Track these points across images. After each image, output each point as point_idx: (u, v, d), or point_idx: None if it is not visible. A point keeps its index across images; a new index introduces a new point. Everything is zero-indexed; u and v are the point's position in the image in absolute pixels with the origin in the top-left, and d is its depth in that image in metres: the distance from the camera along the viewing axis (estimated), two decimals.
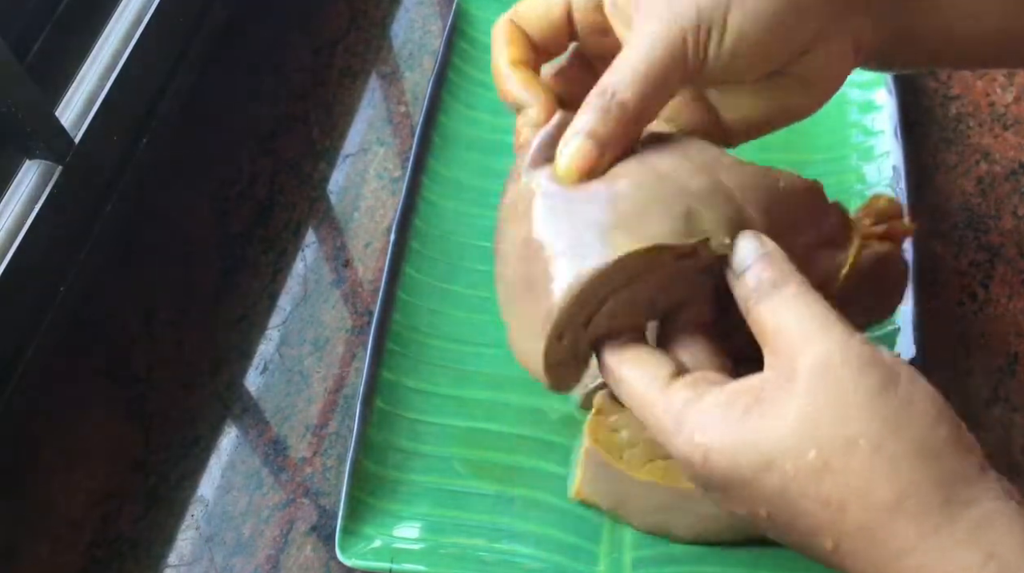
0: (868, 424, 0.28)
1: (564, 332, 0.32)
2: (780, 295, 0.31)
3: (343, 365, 0.50)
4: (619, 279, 0.32)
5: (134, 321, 0.52)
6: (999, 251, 0.52)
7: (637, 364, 0.33)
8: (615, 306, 0.32)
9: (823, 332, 0.29)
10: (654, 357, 0.33)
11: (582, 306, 0.32)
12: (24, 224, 0.44)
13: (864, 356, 0.29)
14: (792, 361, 0.29)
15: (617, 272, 0.31)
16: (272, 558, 0.45)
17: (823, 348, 0.29)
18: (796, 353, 0.29)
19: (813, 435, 0.28)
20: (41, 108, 0.44)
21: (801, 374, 0.29)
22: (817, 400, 0.28)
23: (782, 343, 0.30)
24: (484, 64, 0.58)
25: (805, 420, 0.28)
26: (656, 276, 0.32)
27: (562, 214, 0.33)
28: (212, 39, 0.57)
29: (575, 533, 0.44)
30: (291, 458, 0.48)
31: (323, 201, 0.56)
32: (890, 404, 0.28)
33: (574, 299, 0.31)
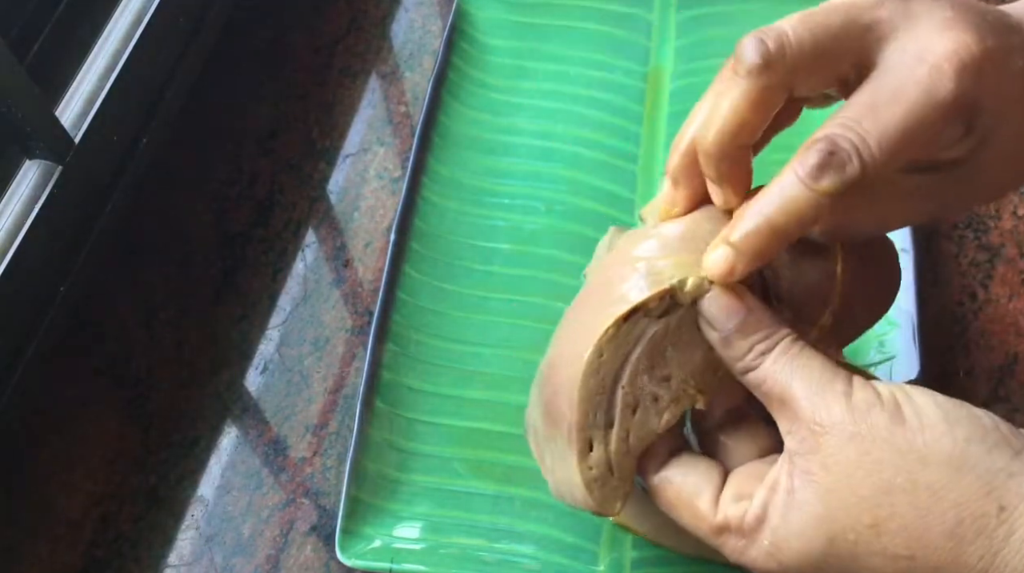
0: (896, 466, 0.28)
1: (591, 440, 0.33)
2: (772, 363, 0.31)
3: (343, 365, 0.50)
4: (614, 361, 0.32)
5: (134, 321, 0.52)
6: (999, 251, 0.52)
7: (678, 494, 0.33)
8: (630, 394, 0.33)
9: (826, 395, 0.30)
10: (688, 481, 0.33)
11: (592, 404, 0.33)
12: (24, 224, 0.44)
13: (868, 400, 0.29)
14: (810, 433, 0.29)
15: (608, 355, 0.32)
16: (272, 558, 0.45)
17: (835, 413, 0.29)
18: (810, 423, 0.30)
19: (859, 498, 0.28)
20: (41, 108, 0.44)
21: (824, 448, 0.29)
22: (848, 465, 0.29)
23: (791, 413, 0.30)
24: (484, 64, 0.58)
25: (846, 489, 0.28)
26: (652, 349, 0.33)
27: (561, 333, 0.35)
28: (212, 39, 0.57)
29: (575, 533, 0.44)
30: (291, 458, 0.48)
31: (323, 201, 0.56)
32: (906, 436, 0.28)
33: (581, 398, 0.32)
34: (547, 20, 0.60)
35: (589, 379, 0.32)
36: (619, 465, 0.33)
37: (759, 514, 0.30)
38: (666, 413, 0.33)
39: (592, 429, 0.33)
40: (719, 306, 0.32)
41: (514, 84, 0.58)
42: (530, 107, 0.57)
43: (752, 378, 0.31)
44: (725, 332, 0.32)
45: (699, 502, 0.32)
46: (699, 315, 0.32)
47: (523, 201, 0.53)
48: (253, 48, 0.62)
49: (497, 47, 0.59)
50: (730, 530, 0.31)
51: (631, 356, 0.33)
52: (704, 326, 0.32)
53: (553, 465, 0.34)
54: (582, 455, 0.33)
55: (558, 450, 0.33)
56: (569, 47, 0.59)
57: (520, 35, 0.59)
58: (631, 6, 0.60)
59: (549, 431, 0.34)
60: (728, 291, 0.32)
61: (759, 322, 0.32)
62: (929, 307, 0.50)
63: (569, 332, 0.34)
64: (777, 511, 0.30)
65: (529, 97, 0.57)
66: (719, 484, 0.32)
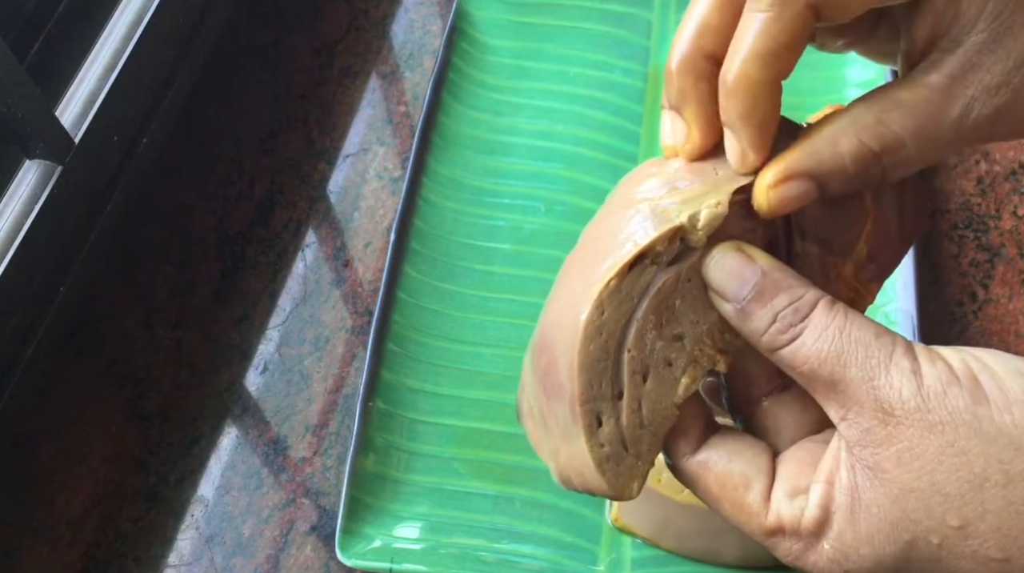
0: (987, 457, 0.24)
1: (599, 411, 0.28)
2: (814, 337, 0.26)
3: (343, 365, 0.50)
4: (617, 320, 0.28)
5: (134, 321, 0.52)
6: (999, 251, 0.52)
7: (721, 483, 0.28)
8: (638, 358, 0.28)
9: (891, 374, 0.25)
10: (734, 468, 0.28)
11: (595, 371, 0.28)
12: (24, 224, 0.44)
13: (942, 378, 0.25)
14: (878, 423, 0.25)
15: (610, 312, 0.27)
16: (272, 558, 0.45)
17: (907, 397, 0.25)
18: (875, 411, 0.25)
19: (943, 497, 0.24)
20: (41, 108, 0.44)
21: (898, 440, 0.25)
22: (930, 460, 0.24)
23: (846, 398, 0.25)
24: (484, 64, 0.58)
25: (928, 487, 0.25)
26: (659, 303, 0.28)
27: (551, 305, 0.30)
28: (212, 39, 0.57)
29: (575, 533, 0.44)
30: (291, 458, 0.48)
31: (323, 201, 0.56)
32: (993, 418, 0.24)
33: (582, 365, 0.27)
34: (547, 20, 0.60)
35: (589, 342, 0.27)
36: (634, 440, 0.28)
37: (819, 517, 0.26)
38: (683, 379, 0.28)
39: (598, 401, 0.28)
40: (726, 270, 0.27)
41: (514, 84, 0.58)
42: (530, 107, 0.57)
43: (786, 357, 0.26)
44: (740, 302, 0.27)
45: (748, 497, 0.27)
46: (706, 282, 0.28)
47: (523, 201, 0.53)
48: (253, 48, 0.62)
49: (497, 47, 0.59)
50: (784, 532, 0.27)
51: (636, 313, 0.28)
52: (715, 299, 0.28)
53: (557, 446, 0.29)
54: (590, 431, 0.28)
55: (561, 428, 0.29)
56: (569, 47, 0.59)
57: (520, 35, 0.59)
58: (631, 6, 0.60)
59: (550, 406, 0.29)
60: (735, 250, 0.27)
61: (780, 283, 0.27)
62: (929, 307, 0.50)
63: (565, 291, 0.29)
64: (841, 514, 0.26)
65: (529, 97, 0.57)
66: (770, 473, 0.28)
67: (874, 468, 0.25)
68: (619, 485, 0.29)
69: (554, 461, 0.30)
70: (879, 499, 0.25)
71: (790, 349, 0.26)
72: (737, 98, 0.27)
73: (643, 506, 0.42)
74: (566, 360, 0.28)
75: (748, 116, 0.27)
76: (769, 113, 0.27)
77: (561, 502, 0.45)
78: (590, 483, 0.29)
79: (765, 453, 0.28)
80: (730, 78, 0.27)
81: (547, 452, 0.30)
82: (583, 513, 0.44)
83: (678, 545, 0.42)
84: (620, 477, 0.29)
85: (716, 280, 0.27)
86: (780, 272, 0.27)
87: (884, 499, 0.25)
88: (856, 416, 0.25)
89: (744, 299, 0.27)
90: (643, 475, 0.29)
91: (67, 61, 0.48)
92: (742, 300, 0.27)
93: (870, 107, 0.27)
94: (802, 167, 0.27)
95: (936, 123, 0.26)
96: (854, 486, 0.26)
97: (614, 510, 0.44)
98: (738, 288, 0.27)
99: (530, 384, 0.30)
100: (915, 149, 0.26)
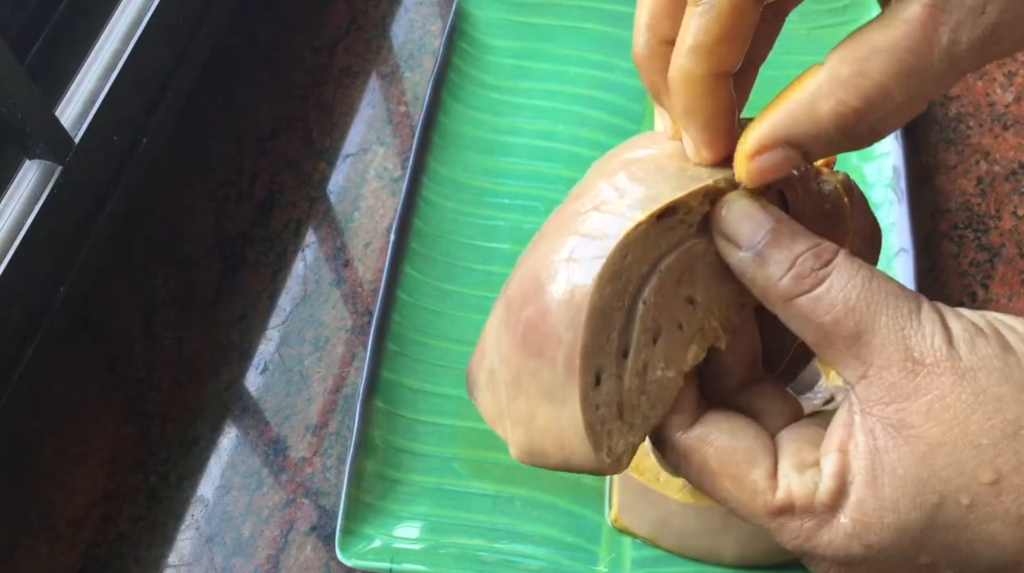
0: (1020, 403, 0.23)
1: (600, 367, 0.25)
2: (842, 282, 0.24)
3: (343, 365, 0.50)
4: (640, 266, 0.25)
5: (134, 321, 0.52)
6: (999, 251, 0.52)
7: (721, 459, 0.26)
8: (651, 314, 0.25)
9: (922, 324, 0.23)
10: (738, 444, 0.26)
11: (607, 320, 0.25)
12: (24, 224, 0.44)
13: (968, 328, 0.23)
14: (905, 375, 0.23)
15: (635, 256, 0.25)
16: (272, 558, 0.45)
17: (938, 345, 0.23)
18: (903, 361, 0.23)
19: (976, 449, 0.23)
20: (41, 108, 0.44)
21: (927, 390, 0.23)
22: (962, 409, 0.23)
23: (869, 351, 0.24)
24: (484, 64, 0.58)
25: (961, 439, 0.23)
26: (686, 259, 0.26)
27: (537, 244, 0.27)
28: (212, 39, 0.57)
29: (575, 533, 0.44)
30: (291, 458, 0.48)
31: (323, 201, 0.56)
32: (1022, 365, 0.23)
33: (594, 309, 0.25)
34: (547, 20, 0.60)
35: (606, 285, 0.25)
36: (631, 407, 0.25)
37: (835, 487, 0.24)
38: (692, 346, 0.26)
39: (602, 355, 0.25)
40: (741, 213, 0.25)
41: (514, 84, 0.58)
42: (530, 107, 0.57)
43: (805, 306, 0.24)
44: (755, 245, 0.25)
45: (752, 474, 0.25)
46: (716, 234, 0.26)
47: (523, 201, 0.53)
48: (253, 48, 0.62)
49: (497, 47, 0.59)
50: (794, 511, 0.25)
51: (660, 263, 0.25)
52: (725, 248, 0.26)
53: (532, 412, 0.26)
54: (586, 390, 0.25)
55: (543, 388, 0.25)
56: (569, 47, 0.59)
57: (520, 35, 0.59)
58: (631, 6, 0.59)
59: (529, 364, 0.25)
60: (748, 197, 0.26)
61: (796, 230, 0.25)
62: None
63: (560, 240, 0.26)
64: (861, 480, 0.24)
65: (529, 97, 0.57)
66: (774, 452, 0.26)
67: (898, 425, 0.23)
68: (607, 458, 0.25)
69: (523, 431, 0.26)
70: (904, 458, 0.23)
71: (813, 296, 0.24)
72: (678, 94, 0.26)
73: (642, 506, 0.42)
74: (567, 306, 0.25)
75: (691, 112, 0.26)
76: (716, 108, 0.26)
77: (561, 502, 0.45)
78: (572, 452, 0.25)
79: (766, 434, 0.26)
80: (670, 74, 0.26)
81: (512, 422, 0.27)
82: (583, 513, 0.44)
83: (678, 545, 0.42)
84: (609, 448, 0.25)
85: (729, 224, 0.25)
86: (793, 223, 0.25)
87: (910, 457, 0.23)
88: (880, 370, 0.24)
89: (759, 243, 0.25)
90: (632, 450, 0.26)
91: (67, 61, 0.48)
92: (756, 244, 0.25)
93: (845, 58, 0.24)
94: (780, 135, 0.25)
95: (922, 59, 0.24)
96: (874, 449, 0.24)
97: (614, 510, 0.44)
98: (752, 232, 0.25)
99: (496, 347, 0.27)
100: (903, 95, 0.24)
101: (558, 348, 0.25)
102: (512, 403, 0.26)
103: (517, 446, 0.27)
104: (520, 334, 0.26)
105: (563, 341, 0.25)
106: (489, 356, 0.28)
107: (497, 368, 0.27)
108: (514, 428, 0.27)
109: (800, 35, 0.57)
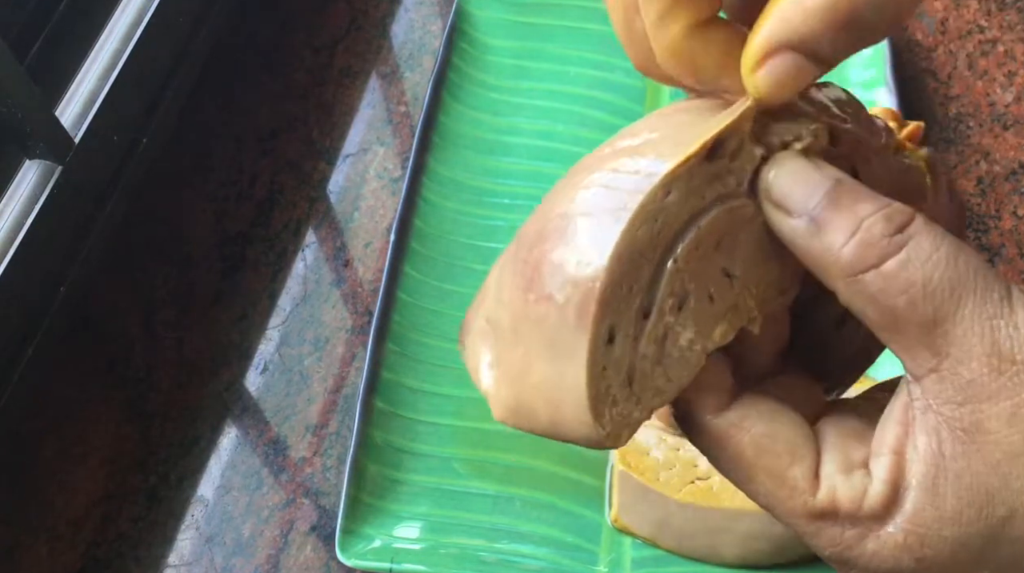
0: None
1: (615, 324, 0.21)
2: (922, 255, 0.20)
3: (343, 365, 0.50)
4: (679, 213, 0.22)
5: (134, 321, 0.52)
6: (999, 251, 0.52)
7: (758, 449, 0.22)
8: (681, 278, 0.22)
9: (1016, 311, 0.20)
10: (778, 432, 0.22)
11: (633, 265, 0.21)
12: (24, 224, 0.44)
13: None
14: (989, 371, 0.20)
15: (676, 197, 0.21)
16: (272, 558, 0.45)
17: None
18: (989, 356, 0.20)
19: None
20: (41, 108, 0.44)
21: (1014, 391, 0.20)
22: None
23: (946, 341, 0.20)
24: (484, 64, 0.58)
25: None
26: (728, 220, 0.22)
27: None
28: (212, 39, 0.57)
29: (575, 533, 0.44)
30: (291, 458, 0.48)
31: (323, 201, 0.56)
32: None
33: (621, 249, 0.21)
34: (547, 20, 0.60)
35: (640, 225, 0.21)
36: (643, 376, 0.22)
37: (887, 495, 0.21)
38: (721, 323, 0.23)
39: (620, 310, 0.21)
40: (792, 174, 0.22)
41: (514, 84, 0.58)
42: (530, 107, 0.57)
43: (875, 282, 0.20)
44: (809, 210, 0.21)
45: (793, 469, 0.22)
46: (763, 201, 0.22)
47: (523, 201, 0.53)
48: (253, 48, 0.62)
49: (497, 47, 0.59)
50: (837, 516, 0.22)
51: (702, 218, 0.22)
52: (773, 215, 0.22)
53: (528, 363, 0.22)
54: (596, 346, 0.21)
55: (544, 337, 0.22)
56: (569, 47, 0.59)
57: (520, 35, 0.59)
58: None
59: (534, 310, 0.22)
60: (800, 156, 0.22)
61: (860, 190, 0.21)
62: None
63: (593, 172, 0.23)
64: (920, 489, 0.21)
65: (529, 97, 0.57)
66: (816, 444, 0.22)
67: (971, 429, 0.20)
68: (605, 429, 0.22)
69: (513, 385, 0.23)
70: (975, 466, 0.20)
71: (884, 271, 0.20)
72: (674, 67, 0.23)
73: (642, 506, 0.42)
74: (591, 243, 0.21)
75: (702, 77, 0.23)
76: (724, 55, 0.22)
77: (561, 502, 0.45)
78: (566, 415, 0.22)
79: (806, 422, 0.23)
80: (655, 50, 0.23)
81: (501, 374, 0.23)
82: (583, 513, 0.44)
83: (678, 544, 0.42)
84: (609, 418, 0.22)
85: (779, 187, 0.22)
86: (854, 183, 0.21)
87: (981, 465, 0.20)
88: (956, 365, 0.20)
89: (815, 207, 0.21)
90: (635, 426, 0.23)
91: (67, 61, 0.48)
92: (812, 209, 0.21)
93: None
94: (779, 38, 0.21)
95: None
96: (938, 454, 0.21)
97: (614, 510, 0.44)
98: (807, 195, 0.21)
99: (498, 289, 0.23)
100: None
101: (573, 291, 0.21)
102: (505, 352, 0.23)
103: (502, 403, 0.24)
104: (528, 274, 0.22)
105: (579, 283, 0.21)
106: (488, 300, 0.24)
107: (494, 314, 0.23)
108: (502, 382, 0.24)
109: None
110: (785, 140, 0.22)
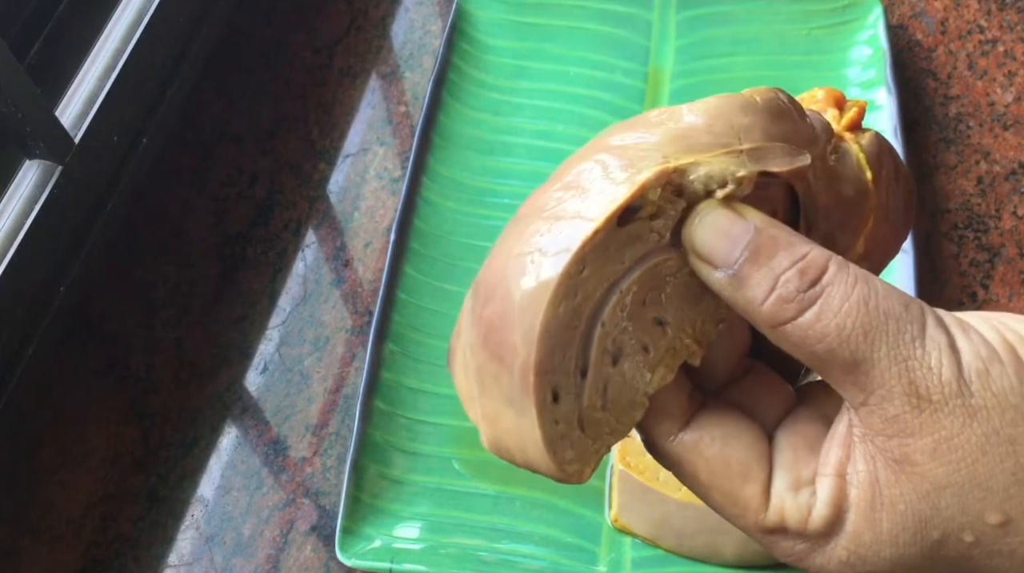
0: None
1: (557, 385, 0.23)
2: (833, 307, 0.21)
3: (343, 365, 0.50)
4: (597, 283, 0.23)
5: (134, 321, 0.52)
6: (999, 251, 0.52)
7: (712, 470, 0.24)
8: (610, 336, 0.23)
9: (929, 353, 0.21)
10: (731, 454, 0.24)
11: (560, 340, 0.23)
12: (24, 224, 0.44)
13: (982, 354, 0.21)
14: (910, 410, 0.21)
15: (591, 271, 0.23)
16: (272, 558, 0.45)
17: (947, 379, 0.21)
18: (908, 396, 0.21)
19: (985, 492, 0.21)
20: (41, 108, 0.44)
21: (934, 429, 0.21)
22: (972, 451, 0.21)
23: (869, 381, 0.21)
24: (484, 64, 0.58)
25: (968, 481, 0.21)
26: (652, 276, 0.24)
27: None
28: (212, 39, 0.57)
29: (575, 533, 0.44)
30: (291, 458, 0.48)
31: (323, 201, 0.56)
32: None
33: (545, 330, 0.22)
34: (547, 20, 0.60)
35: (560, 303, 0.22)
36: (593, 423, 0.24)
37: (830, 516, 0.22)
38: (659, 368, 0.24)
39: (558, 374, 0.23)
40: (713, 228, 0.22)
41: (514, 84, 0.58)
42: (530, 107, 0.57)
43: (793, 334, 0.22)
44: (732, 266, 0.22)
45: (745, 490, 0.23)
46: (688, 251, 0.23)
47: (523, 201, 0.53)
48: (253, 48, 0.62)
49: (497, 47, 0.59)
50: (786, 532, 0.23)
51: (622, 281, 0.23)
52: (699, 267, 0.23)
53: (497, 411, 0.24)
54: (542, 406, 0.23)
55: (505, 393, 0.24)
56: (569, 47, 0.59)
57: (520, 35, 0.59)
58: (631, 6, 0.60)
59: (491, 367, 0.24)
60: (722, 206, 0.22)
61: (779, 240, 0.22)
62: None
63: (527, 231, 0.24)
64: (858, 513, 0.22)
65: (529, 97, 0.57)
66: (768, 461, 0.24)
67: (901, 461, 0.21)
68: (569, 469, 0.24)
69: (489, 426, 0.25)
70: (906, 495, 0.21)
71: (800, 323, 0.21)
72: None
73: (642, 505, 0.42)
74: (524, 318, 0.23)
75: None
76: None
77: (561, 502, 0.45)
78: (534, 461, 0.24)
79: (762, 438, 0.24)
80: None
81: (479, 414, 0.25)
82: (583, 513, 0.44)
83: (677, 544, 0.42)
84: (571, 460, 0.24)
85: (702, 241, 0.22)
86: (776, 229, 0.22)
87: (912, 495, 0.21)
88: (881, 401, 0.21)
89: (736, 262, 0.22)
90: (597, 461, 0.24)
91: (67, 61, 0.48)
92: (734, 263, 0.22)
93: None
94: None
95: None
96: (874, 481, 0.22)
97: (614, 510, 0.44)
98: (728, 249, 0.22)
99: (469, 329, 0.25)
100: None
101: (515, 358, 0.23)
102: (480, 396, 0.25)
103: (485, 438, 0.26)
104: (483, 333, 0.24)
105: (519, 353, 0.23)
106: (463, 337, 0.25)
107: (468, 353, 0.25)
108: (479, 420, 0.25)
109: (800, 35, 0.57)
110: (709, 188, 0.23)
